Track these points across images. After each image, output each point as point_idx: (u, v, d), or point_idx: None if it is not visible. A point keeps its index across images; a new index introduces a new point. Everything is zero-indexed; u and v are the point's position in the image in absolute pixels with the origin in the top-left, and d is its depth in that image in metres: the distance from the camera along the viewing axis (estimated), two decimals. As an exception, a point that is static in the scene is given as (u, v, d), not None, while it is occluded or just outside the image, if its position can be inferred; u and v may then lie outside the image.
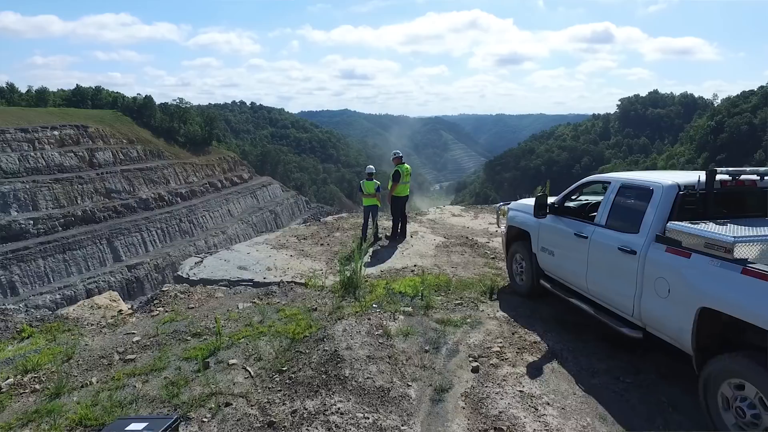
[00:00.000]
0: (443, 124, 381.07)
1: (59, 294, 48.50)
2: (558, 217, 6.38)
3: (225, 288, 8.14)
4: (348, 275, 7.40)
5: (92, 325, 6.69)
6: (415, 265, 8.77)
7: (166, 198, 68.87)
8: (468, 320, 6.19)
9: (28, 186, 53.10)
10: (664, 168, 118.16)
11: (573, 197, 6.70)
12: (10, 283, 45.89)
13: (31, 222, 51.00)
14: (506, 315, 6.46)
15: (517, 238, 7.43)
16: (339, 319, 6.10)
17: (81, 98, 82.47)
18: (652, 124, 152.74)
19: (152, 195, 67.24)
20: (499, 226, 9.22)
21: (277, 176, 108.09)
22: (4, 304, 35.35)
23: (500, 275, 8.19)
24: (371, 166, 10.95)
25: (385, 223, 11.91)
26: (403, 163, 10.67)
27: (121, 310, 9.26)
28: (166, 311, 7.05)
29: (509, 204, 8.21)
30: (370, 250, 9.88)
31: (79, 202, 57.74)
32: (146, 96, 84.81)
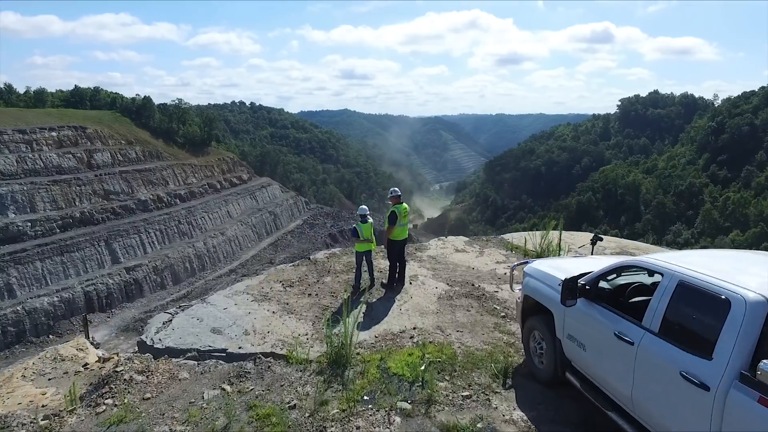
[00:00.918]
0: (443, 124, 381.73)
1: (57, 296, 48.13)
2: (591, 302, 5.12)
3: (193, 362, 6.95)
4: (336, 346, 6.44)
5: (23, 425, 5.65)
6: (414, 327, 7.74)
7: (164, 199, 68.47)
8: (479, 425, 5.20)
9: (25, 188, 52.71)
10: (665, 169, 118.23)
11: (609, 278, 5.40)
12: (7, 285, 45.48)
13: (29, 224, 50.62)
14: (525, 417, 5.38)
15: (535, 310, 6.17)
16: (322, 430, 5.17)
17: (79, 99, 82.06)
18: (652, 124, 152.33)
19: (151, 196, 66.83)
20: (512, 290, 7.67)
21: (276, 177, 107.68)
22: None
23: (513, 345, 7.13)
24: (364, 207, 9.84)
25: (382, 262, 10.66)
26: (401, 202, 9.54)
27: (86, 364, 8.18)
28: (116, 405, 5.92)
29: (525, 263, 6.97)
30: (364, 305, 8.62)
31: (77, 203, 57.39)
32: (145, 96, 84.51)
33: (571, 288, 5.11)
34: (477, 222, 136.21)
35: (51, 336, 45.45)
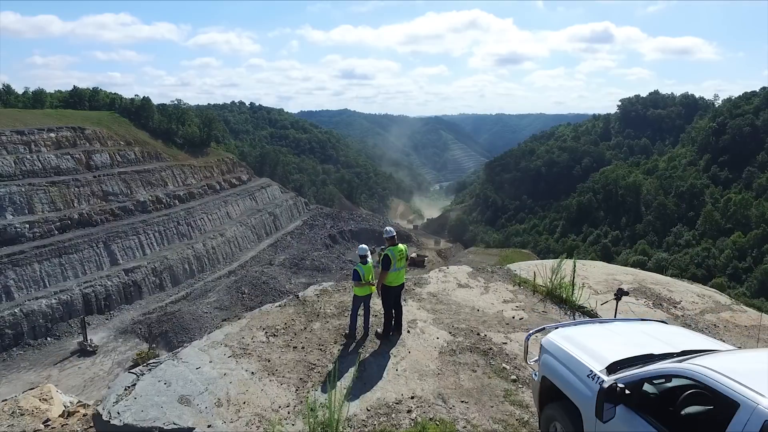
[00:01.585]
0: (443, 123, 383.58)
1: (55, 299, 47.87)
2: (632, 412, 4.06)
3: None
4: (321, 424, 5.60)
5: None
6: (412, 396, 6.77)
7: (164, 200, 68.30)
8: None
9: (23, 189, 52.54)
10: (666, 169, 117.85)
11: (656, 381, 4.34)
12: (5, 287, 45.26)
13: (27, 225, 50.42)
14: None
15: (555, 395, 5.10)
16: None
17: (78, 99, 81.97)
18: (653, 124, 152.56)
19: (150, 197, 66.66)
20: (527, 362, 6.64)
21: (276, 178, 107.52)
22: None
23: (528, 424, 6.27)
24: (364, 246, 8.75)
25: (377, 302, 9.33)
26: (397, 243, 8.44)
27: (47, 420, 7.26)
28: None
29: (542, 330, 5.86)
30: (357, 362, 7.48)
31: (75, 205, 57.22)
32: (144, 97, 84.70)
33: (610, 395, 4.07)
34: (477, 222, 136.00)
35: (49, 338, 45.22)
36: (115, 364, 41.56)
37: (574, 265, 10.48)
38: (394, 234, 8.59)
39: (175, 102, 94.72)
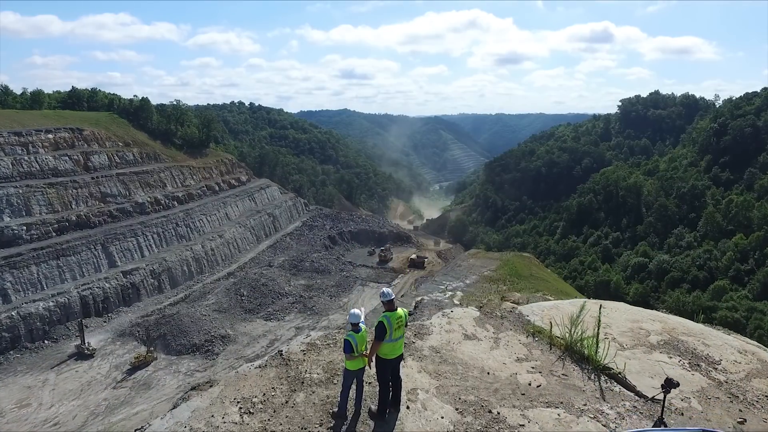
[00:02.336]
0: (443, 123, 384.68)
1: (52, 301, 47.48)
2: None
3: None
4: None
5: None
6: None
7: (162, 202, 67.97)
8: None
9: (21, 191, 52.25)
10: (666, 170, 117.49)
11: None
12: (2, 290, 44.86)
13: (24, 227, 50.10)
14: None
15: None
16: None
17: (77, 100, 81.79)
18: (653, 125, 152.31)
19: (148, 199, 66.32)
20: None
21: (275, 178, 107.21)
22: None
23: None
24: (357, 312, 7.51)
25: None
26: (396, 309, 7.27)
27: None
28: None
29: None
30: None
31: (73, 206, 56.89)
32: (143, 98, 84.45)
33: None
34: (477, 223, 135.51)
35: (46, 341, 44.83)
36: (113, 367, 41.18)
37: (599, 319, 9.04)
38: (393, 297, 7.36)
39: (174, 102, 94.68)
